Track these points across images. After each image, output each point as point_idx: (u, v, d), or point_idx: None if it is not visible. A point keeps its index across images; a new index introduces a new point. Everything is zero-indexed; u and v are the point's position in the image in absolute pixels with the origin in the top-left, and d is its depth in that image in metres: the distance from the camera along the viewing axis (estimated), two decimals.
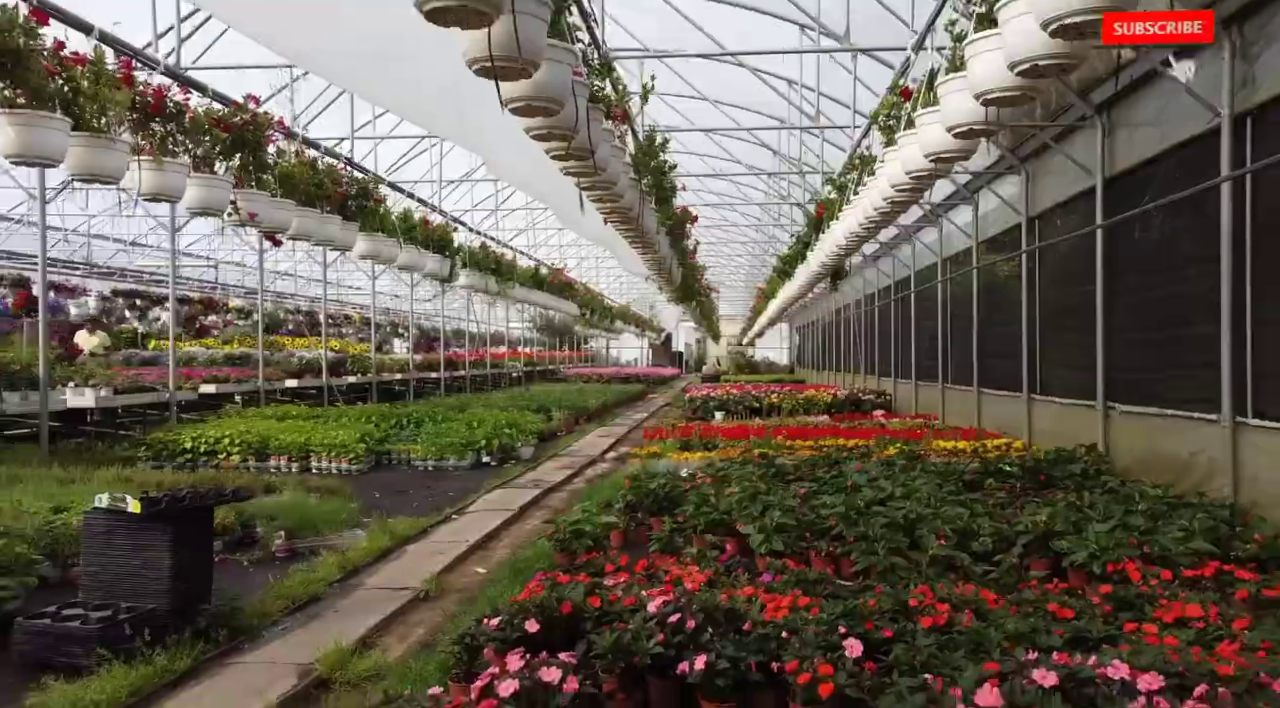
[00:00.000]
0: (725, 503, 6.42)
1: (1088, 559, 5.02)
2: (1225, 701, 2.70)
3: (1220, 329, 6.39)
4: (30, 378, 9.18)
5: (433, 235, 11.86)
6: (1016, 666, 3.00)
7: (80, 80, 4.91)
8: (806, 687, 3.13)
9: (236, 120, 6.64)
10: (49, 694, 3.56)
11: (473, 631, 3.75)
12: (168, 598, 4.28)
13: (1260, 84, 6.07)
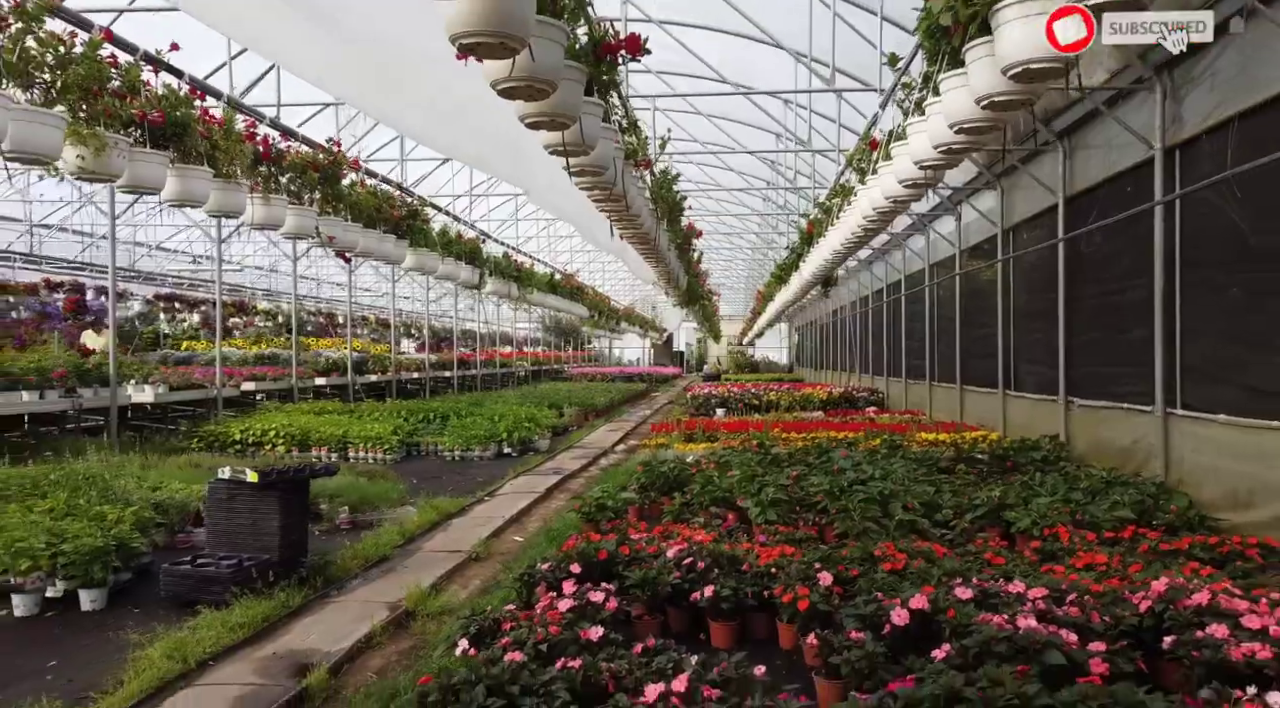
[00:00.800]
0: (726, 483, 7.44)
1: (1029, 525, 6.04)
2: (1088, 603, 3.72)
3: (1154, 332, 7.41)
4: (102, 377, 10.19)
5: (465, 248, 12.94)
6: (946, 587, 4.03)
7: (217, 139, 5.97)
8: (789, 605, 4.15)
9: (322, 159, 7.71)
10: (203, 618, 4.58)
11: (530, 570, 4.77)
12: (277, 551, 5.30)
13: (1186, 122, 7.07)
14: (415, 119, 7.32)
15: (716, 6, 11.50)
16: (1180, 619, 3.56)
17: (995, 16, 3.46)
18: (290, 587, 5.16)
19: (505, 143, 6.18)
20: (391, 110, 7.26)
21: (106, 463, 7.60)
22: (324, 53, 5.36)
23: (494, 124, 5.25)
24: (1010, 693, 2.80)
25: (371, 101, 7.20)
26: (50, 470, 6.76)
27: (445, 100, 5.83)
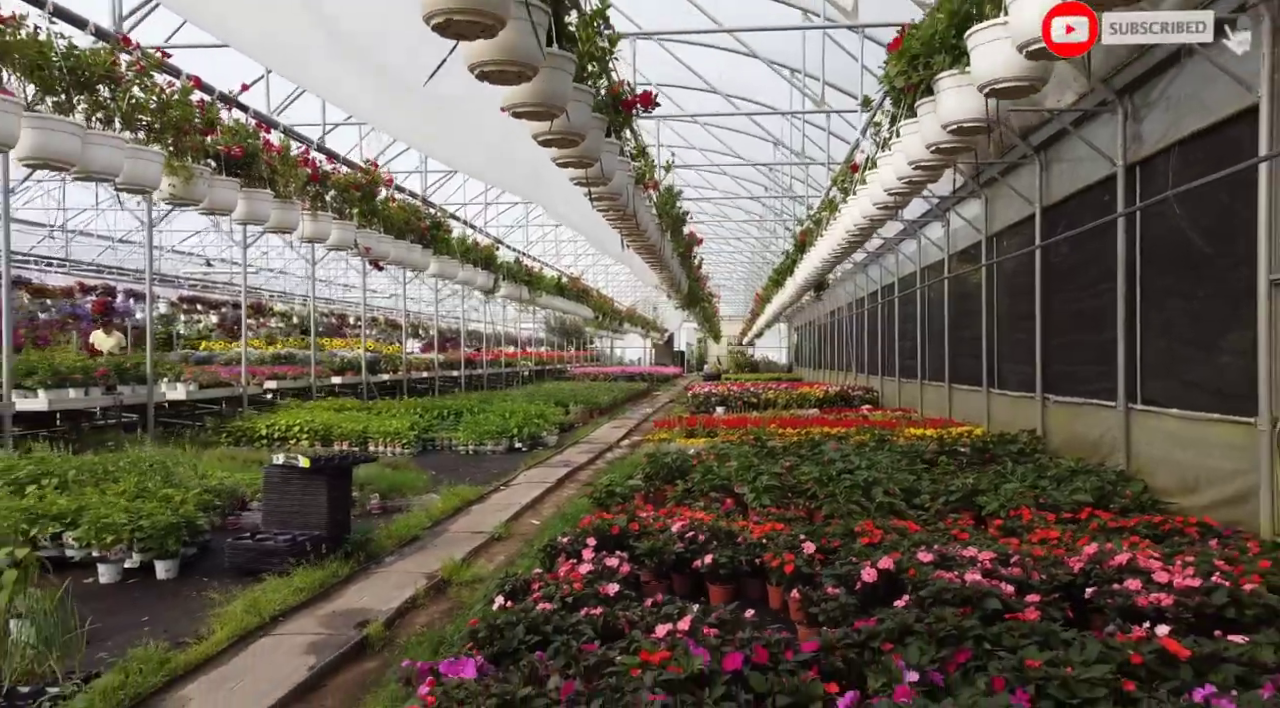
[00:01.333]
0: (725, 472, 8.11)
1: (997, 508, 6.71)
2: (1029, 563, 4.39)
3: (1117, 334, 8.08)
4: (139, 376, 10.88)
5: (481, 255, 13.67)
6: (910, 553, 4.70)
7: (277, 165, 6.69)
8: (777, 569, 4.83)
9: (361, 179, 8.43)
10: (268, 584, 5.25)
11: (552, 543, 5.44)
12: (325, 528, 5.98)
13: (1145, 141, 7.74)
14: (453, 150, 8.02)
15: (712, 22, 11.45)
16: (1104, 576, 4.24)
17: (936, 84, 4.13)
18: (337, 560, 5.84)
19: (529, 170, 6.85)
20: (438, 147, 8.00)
21: (155, 454, 8.27)
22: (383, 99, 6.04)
23: (521, 155, 5.91)
24: (950, 627, 3.48)
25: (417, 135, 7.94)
26: (116, 458, 7.44)
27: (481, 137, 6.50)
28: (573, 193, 6.51)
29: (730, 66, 13.17)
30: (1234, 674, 3.07)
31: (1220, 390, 6.54)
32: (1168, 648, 3.17)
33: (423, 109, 5.86)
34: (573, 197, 6.65)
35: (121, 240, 21.61)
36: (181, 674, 3.94)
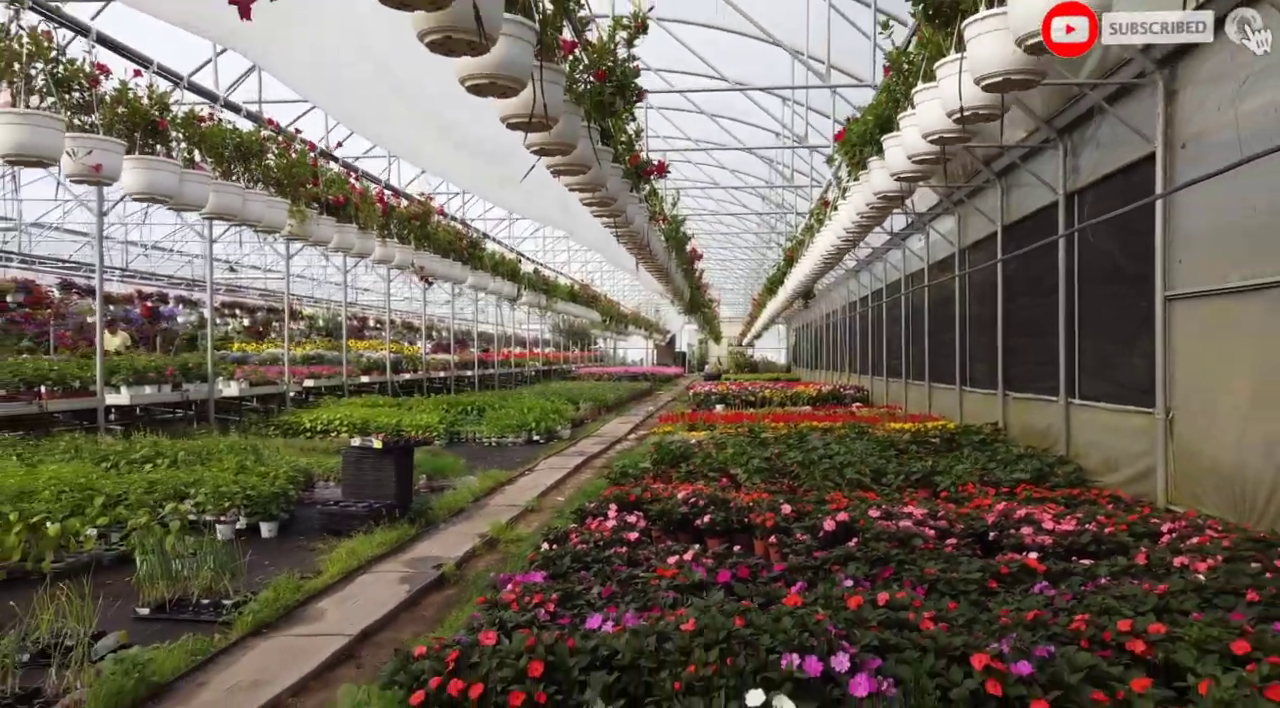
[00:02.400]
0: (722, 457, 9.44)
1: (949, 484, 8.03)
2: (954, 517, 5.72)
3: (1059, 339, 9.41)
4: (201, 374, 12.22)
5: (508, 268, 15.08)
6: (863, 511, 6.03)
7: (359, 203, 8.09)
8: (760, 524, 6.15)
9: (418, 210, 9.85)
10: (356, 540, 6.57)
11: (581, 508, 6.77)
12: (393, 498, 7.32)
13: (1083, 173, 9.06)
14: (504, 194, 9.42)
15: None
16: (1008, 525, 5.57)
17: (869, 162, 5.44)
18: (404, 523, 7.17)
19: (560, 206, 8.15)
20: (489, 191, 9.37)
21: (245, 441, 9.61)
22: (447, 152, 7.39)
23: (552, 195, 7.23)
24: (881, 554, 4.81)
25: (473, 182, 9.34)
26: (214, 442, 8.78)
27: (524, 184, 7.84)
28: (595, 221, 7.85)
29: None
30: (1076, 581, 4.39)
31: (1134, 387, 7.86)
32: (1028, 564, 4.50)
33: (481, 162, 7.15)
34: (594, 224, 7.97)
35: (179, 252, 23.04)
36: (312, 595, 5.27)
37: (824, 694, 3.04)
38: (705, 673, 3.16)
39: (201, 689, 3.90)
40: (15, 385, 9.06)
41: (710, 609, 3.58)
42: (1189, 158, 6.82)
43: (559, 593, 4.23)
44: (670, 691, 3.15)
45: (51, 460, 7.57)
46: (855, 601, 3.70)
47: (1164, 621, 3.52)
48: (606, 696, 3.15)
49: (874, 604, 3.69)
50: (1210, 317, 6.66)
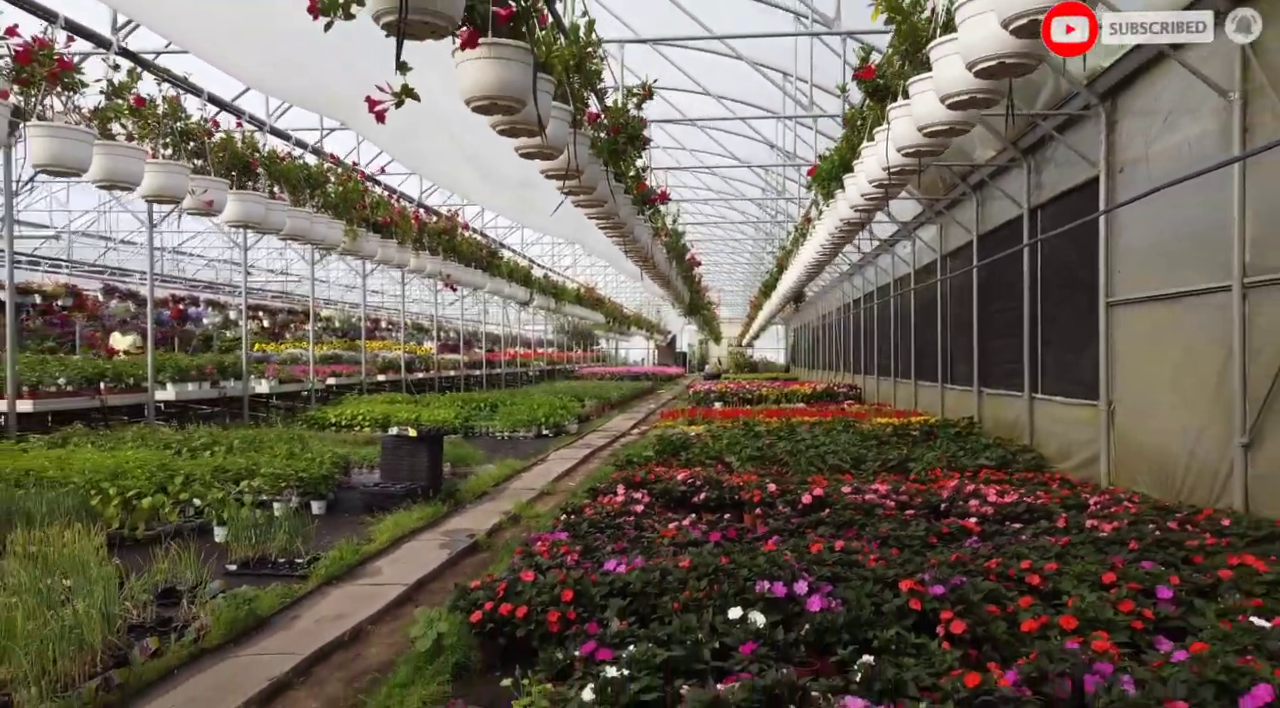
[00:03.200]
0: (718, 446, 10.40)
1: (919, 469, 9.00)
2: (913, 493, 6.69)
3: (1023, 341, 10.37)
4: (236, 372, 13.20)
5: (521, 274, 16.12)
6: (836, 488, 7.00)
7: (398, 221, 9.11)
8: (749, 500, 7.12)
9: (445, 225, 10.88)
10: (397, 515, 7.52)
11: (593, 487, 7.74)
12: (425, 480, 8.28)
13: (1044, 190, 10.02)
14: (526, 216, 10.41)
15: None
16: (958, 499, 6.53)
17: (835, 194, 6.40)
18: (436, 502, 8.13)
19: (575, 224, 9.11)
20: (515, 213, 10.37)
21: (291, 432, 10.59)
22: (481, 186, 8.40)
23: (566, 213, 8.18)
24: (846, 519, 5.78)
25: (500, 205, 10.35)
26: (265, 433, 9.75)
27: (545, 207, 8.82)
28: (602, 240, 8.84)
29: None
30: (1003, 540, 5.35)
31: (1083, 383, 8.82)
32: (966, 525, 5.46)
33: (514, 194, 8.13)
34: (605, 239, 8.94)
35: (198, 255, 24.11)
36: (368, 556, 6.24)
37: (787, 610, 4.00)
38: (697, 596, 4.13)
39: (295, 621, 4.87)
40: (80, 383, 10.04)
41: (703, 552, 4.55)
42: (1125, 181, 7.78)
43: (580, 547, 5.19)
44: (670, 610, 4.12)
45: (124, 448, 8.54)
46: (816, 546, 4.67)
47: (1059, 562, 4.49)
48: (621, 614, 4.11)
49: (831, 550, 4.66)
50: (1143, 320, 7.63)
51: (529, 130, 3.69)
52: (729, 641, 3.71)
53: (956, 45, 4.08)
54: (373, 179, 9.35)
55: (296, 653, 4.30)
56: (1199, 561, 4.57)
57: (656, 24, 11.78)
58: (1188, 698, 2.87)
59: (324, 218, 8.46)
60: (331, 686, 4.06)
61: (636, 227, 7.03)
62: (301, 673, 4.16)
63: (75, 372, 10.20)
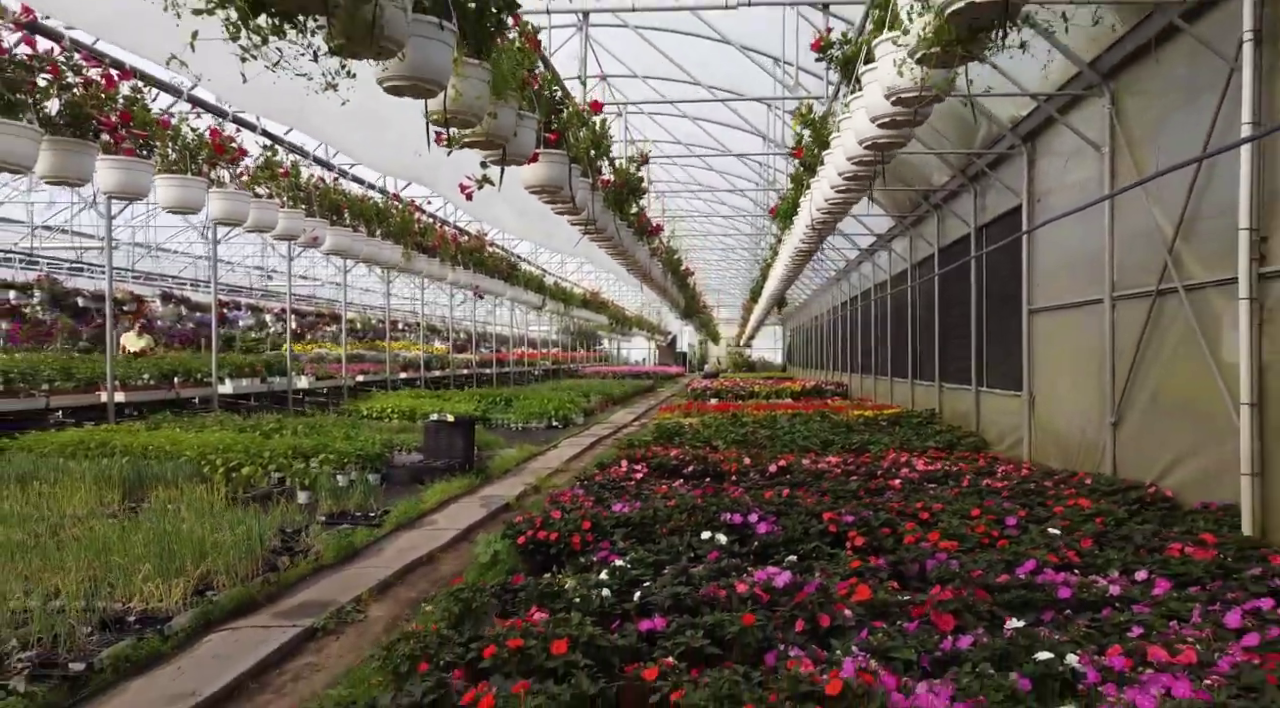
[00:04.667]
0: (707, 433, 12.05)
1: (876, 450, 10.64)
2: (859, 466, 8.34)
3: (971, 341, 12.01)
4: (280, 369, 14.87)
5: (535, 282, 17.84)
6: (798, 461, 8.65)
7: (441, 243, 10.81)
8: (728, 471, 8.77)
9: (476, 244, 12.59)
10: (439, 484, 9.17)
11: (601, 462, 9.39)
12: (461, 458, 9.94)
13: (986, 212, 11.66)
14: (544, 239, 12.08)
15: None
16: (893, 468, 8.18)
17: (790, 223, 8.03)
18: (470, 476, 9.78)
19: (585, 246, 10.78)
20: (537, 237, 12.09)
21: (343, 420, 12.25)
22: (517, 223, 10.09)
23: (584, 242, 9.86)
24: (798, 480, 7.44)
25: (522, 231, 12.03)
26: (321, 419, 11.40)
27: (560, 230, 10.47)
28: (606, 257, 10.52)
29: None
30: (917, 494, 6.99)
31: (1013, 377, 10.46)
32: (890, 485, 7.11)
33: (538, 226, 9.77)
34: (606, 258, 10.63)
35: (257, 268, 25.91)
36: (424, 512, 7.89)
37: (743, 532, 5.65)
38: (680, 524, 5.78)
39: (381, 551, 6.52)
40: (159, 377, 11.70)
41: (684, 496, 6.20)
42: (1041, 209, 9.43)
43: (593, 498, 6.84)
44: (659, 534, 5.76)
45: (207, 430, 10.19)
46: (768, 494, 6.33)
47: (944, 505, 6.13)
48: (624, 537, 5.76)
49: (779, 496, 6.31)
50: (1051, 326, 9.28)
51: (565, 201, 5.32)
52: (700, 551, 5.34)
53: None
54: (419, 208, 11.04)
55: (391, 567, 5.95)
56: (1049, 504, 6.22)
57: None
58: (985, 570, 4.52)
59: (388, 244, 10.01)
60: (421, 584, 5.71)
61: (637, 251, 8.68)
62: (398, 577, 5.81)
63: (154, 369, 11.86)
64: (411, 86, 3.10)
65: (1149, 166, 6.93)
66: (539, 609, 4.05)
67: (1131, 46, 6.97)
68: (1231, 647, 3.43)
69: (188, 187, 6.40)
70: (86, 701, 3.71)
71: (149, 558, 4.97)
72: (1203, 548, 4.90)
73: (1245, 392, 5.55)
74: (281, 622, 4.74)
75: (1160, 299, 6.81)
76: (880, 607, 4.02)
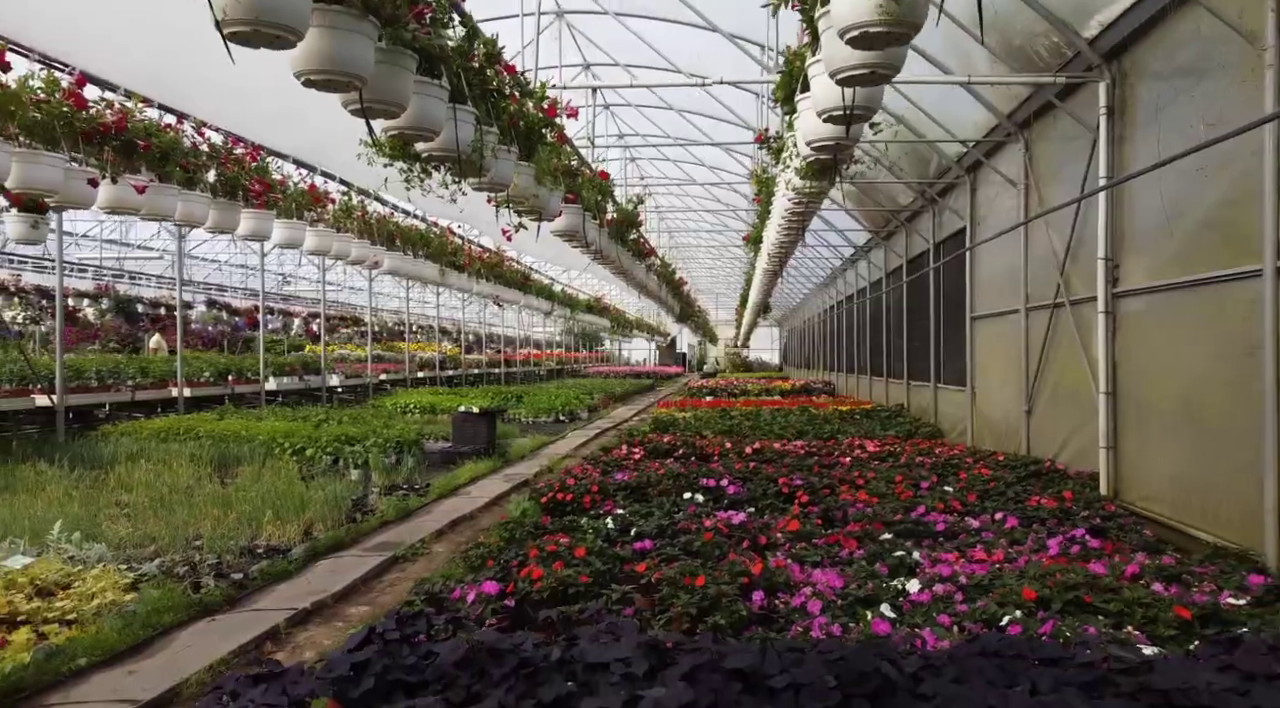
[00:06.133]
0: (698, 424, 13.69)
1: (844, 438, 12.27)
2: (823, 448, 9.99)
3: (930, 344, 13.64)
4: (315, 368, 16.53)
5: (546, 291, 19.56)
6: (770, 444, 10.29)
7: (469, 260, 12.52)
8: (712, 453, 10.40)
9: (496, 259, 14.29)
10: (468, 466, 10.82)
11: (605, 447, 11.02)
12: (484, 444, 11.59)
13: (943, 230, 13.29)
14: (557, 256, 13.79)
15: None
16: (849, 450, 9.81)
17: (768, 222, 9.65)
18: (493, 459, 11.43)
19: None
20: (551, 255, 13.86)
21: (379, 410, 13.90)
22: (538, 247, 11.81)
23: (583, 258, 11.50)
24: (766, 459, 9.08)
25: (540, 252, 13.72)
26: (363, 411, 13.04)
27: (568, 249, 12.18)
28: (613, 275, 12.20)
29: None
30: (863, 468, 8.62)
31: (960, 375, 12.10)
32: (840, 461, 8.75)
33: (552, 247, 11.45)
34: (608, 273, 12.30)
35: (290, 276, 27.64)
36: (459, 486, 9.53)
37: (716, 493, 7.29)
38: (667, 487, 7.42)
39: (430, 513, 8.15)
40: (216, 375, 13.36)
41: (671, 468, 7.85)
42: (980, 231, 11.07)
43: (599, 470, 8.48)
44: (652, 495, 7.40)
45: (265, 420, 11.83)
46: (739, 465, 7.97)
47: (880, 473, 7.77)
48: (625, 500, 7.39)
49: (747, 466, 7.95)
50: (987, 330, 10.91)
51: (580, 241, 6.95)
52: (683, 507, 6.98)
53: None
54: (452, 231, 12.73)
55: (441, 522, 7.59)
56: (961, 474, 7.86)
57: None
58: (891, 513, 6.15)
59: (428, 263, 11.67)
60: (467, 532, 7.36)
61: (635, 270, 10.33)
62: (449, 528, 7.46)
63: (213, 367, 13.52)
64: (490, 186, 4.78)
65: (1050, 203, 8.57)
66: (563, 536, 5.69)
67: (1036, 105, 8.61)
68: (1038, 555, 5.06)
69: (293, 228, 8.26)
70: (250, 595, 5.35)
71: (267, 508, 6.62)
72: (1058, 501, 6.54)
73: (1103, 383, 7.19)
74: (369, 554, 6.39)
75: (1056, 311, 8.45)
76: (805, 535, 5.66)
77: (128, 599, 4.70)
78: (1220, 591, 4.18)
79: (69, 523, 5.81)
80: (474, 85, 4.06)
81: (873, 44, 3.56)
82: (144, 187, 6.72)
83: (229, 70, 3.39)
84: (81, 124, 5.78)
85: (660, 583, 4.49)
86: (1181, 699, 2.59)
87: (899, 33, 3.35)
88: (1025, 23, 7.56)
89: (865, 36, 3.46)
